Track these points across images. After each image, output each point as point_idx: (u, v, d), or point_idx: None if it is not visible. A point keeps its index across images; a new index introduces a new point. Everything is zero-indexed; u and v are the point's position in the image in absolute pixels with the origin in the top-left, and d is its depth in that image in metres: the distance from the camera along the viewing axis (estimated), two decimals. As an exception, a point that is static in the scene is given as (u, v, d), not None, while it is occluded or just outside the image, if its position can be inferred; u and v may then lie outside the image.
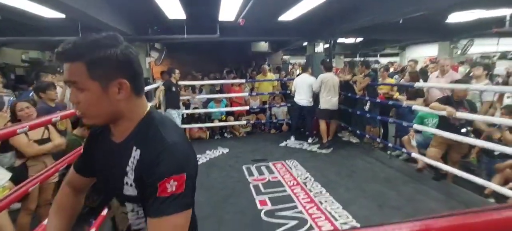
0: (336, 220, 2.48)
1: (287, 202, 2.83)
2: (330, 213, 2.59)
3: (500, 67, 6.50)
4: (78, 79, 0.64)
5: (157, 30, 5.41)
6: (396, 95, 4.51)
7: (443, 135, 3.03)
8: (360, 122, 4.74)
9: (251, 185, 3.27)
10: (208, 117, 5.74)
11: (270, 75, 6.49)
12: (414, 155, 3.46)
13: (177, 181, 0.63)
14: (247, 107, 5.74)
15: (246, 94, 5.82)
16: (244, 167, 3.83)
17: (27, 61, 7.45)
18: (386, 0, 4.26)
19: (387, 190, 3.05)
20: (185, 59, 8.37)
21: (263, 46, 8.72)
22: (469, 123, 3.02)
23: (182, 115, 5.08)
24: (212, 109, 5.58)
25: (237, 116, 5.83)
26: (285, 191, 3.09)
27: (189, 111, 5.45)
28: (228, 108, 5.71)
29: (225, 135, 5.72)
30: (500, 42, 8.76)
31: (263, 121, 5.90)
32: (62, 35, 4.73)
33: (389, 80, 4.95)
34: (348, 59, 11.76)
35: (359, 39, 9.59)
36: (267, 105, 6.01)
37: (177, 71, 4.74)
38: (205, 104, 5.78)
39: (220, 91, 5.80)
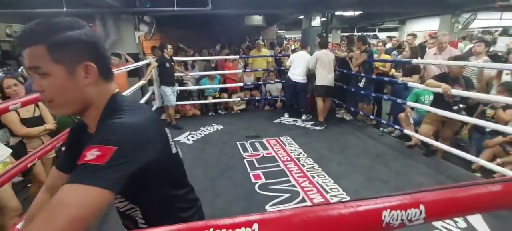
0: (327, 193, 2.61)
1: (281, 176, 2.95)
2: (321, 186, 2.72)
3: (501, 43, 6.53)
4: (40, 64, 0.60)
5: (145, 2, 5.26)
6: (392, 71, 4.56)
7: (436, 112, 3.13)
8: (354, 99, 4.81)
9: (245, 161, 3.38)
10: (201, 94, 5.76)
11: (265, 51, 6.44)
12: (408, 131, 3.57)
13: (101, 151, 0.53)
14: (241, 84, 5.75)
15: (240, 71, 5.80)
16: (238, 143, 3.93)
17: (11, 35, 7.25)
18: None
19: (377, 165, 3.19)
20: (176, 34, 8.18)
21: (257, 19, 8.55)
22: (464, 99, 3.10)
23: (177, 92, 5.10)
24: (206, 86, 5.59)
25: (230, 92, 5.86)
26: (278, 166, 3.21)
27: (183, 88, 5.45)
28: (222, 85, 5.71)
29: (219, 111, 5.77)
30: (503, 16, 8.73)
31: (257, 98, 5.95)
32: (45, 8, 4.59)
33: (385, 57, 4.96)
34: (346, 34, 11.65)
35: (357, 13, 9.43)
36: (261, 82, 6.03)
37: (169, 46, 4.68)
38: (198, 81, 5.77)
39: (214, 68, 5.77)
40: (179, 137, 4.25)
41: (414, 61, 3.89)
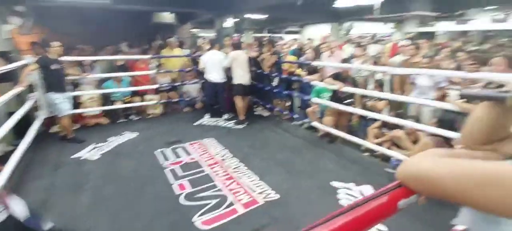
0: (254, 191, 2.66)
1: (207, 182, 2.84)
2: (248, 186, 2.76)
3: (371, 49, 8.02)
4: None
5: None
6: (298, 71, 5.04)
7: (334, 106, 3.64)
8: (269, 96, 5.10)
9: (167, 170, 3.11)
10: (107, 99, 4.97)
11: (178, 51, 6.09)
12: (315, 124, 4.02)
13: None
14: (155, 86, 5.27)
15: (153, 71, 5.30)
16: (157, 152, 3.58)
17: None
18: None
19: (294, 157, 3.47)
20: (66, 29, 6.70)
21: (168, 17, 7.99)
22: (352, 94, 3.70)
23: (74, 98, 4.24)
24: (111, 89, 4.87)
25: (143, 95, 5.29)
26: (203, 171, 3.09)
27: (80, 93, 4.58)
28: (132, 88, 5.09)
29: (132, 117, 5.14)
30: (373, 27, 10.86)
31: (175, 100, 5.58)
32: None
33: (291, 58, 5.42)
34: (257, 35, 12.24)
35: (265, 16, 10.05)
36: (178, 83, 5.67)
37: (56, 44, 3.81)
38: (101, 84, 4.96)
39: (122, 68, 5.06)
40: (80, 153, 3.54)
41: (313, 63, 4.40)
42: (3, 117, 3.28)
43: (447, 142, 2.70)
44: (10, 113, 3.23)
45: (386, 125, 3.49)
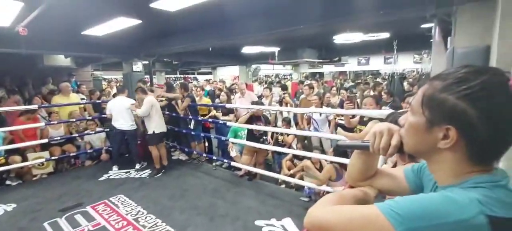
0: (175, 249, 2.39)
1: (117, 250, 2.38)
2: (168, 244, 2.46)
3: (275, 89, 8.86)
4: None
5: None
6: (214, 112, 5.08)
7: (249, 144, 3.78)
8: (186, 140, 4.89)
9: (61, 246, 2.46)
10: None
11: (75, 97, 5.26)
12: (236, 164, 4.01)
13: None
14: (44, 141, 4.27)
15: (42, 124, 4.33)
16: (47, 224, 2.82)
17: None
18: (196, 31, 4.74)
19: (215, 200, 3.33)
20: None
21: (62, 59, 6.86)
22: (265, 132, 3.95)
23: None
24: None
25: (23, 152, 4.17)
26: (113, 237, 2.59)
27: None
28: (9, 146, 3.98)
29: (8, 182, 3.96)
30: (275, 68, 12.21)
31: (72, 153, 4.63)
32: None
33: (205, 100, 5.44)
34: (169, 76, 11.88)
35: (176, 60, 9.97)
36: (76, 134, 4.79)
37: None
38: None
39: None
40: None
41: (227, 105, 4.55)
42: None
43: (343, 167, 3.15)
44: None
45: (297, 157, 3.82)
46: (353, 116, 3.35)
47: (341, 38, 6.66)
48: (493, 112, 0.46)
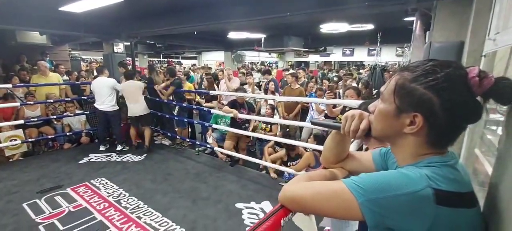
0: (156, 230, 2.45)
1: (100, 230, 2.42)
2: (150, 225, 2.51)
3: (256, 76, 8.84)
4: None
5: None
6: (197, 98, 5.07)
7: (232, 131, 3.84)
8: (170, 125, 4.88)
9: (41, 226, 2.46)
10: None
11: (56, 77, 5.06)
12: (216, 149, 4.09)
13: None
14: (20, 122, 4.13)
15: (18, 104, 4.17)
16: (26, 205, 2.79)
17: None
18: (181, 13, 4.64)
19: (198, 184, 3.41)
20: None
21: (37, 37, 6.49)
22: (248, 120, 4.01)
23: None
24: None
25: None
26: (94, 218, 2.61)
27: None
28: None
29: (-19, 164, 3.83)
30: (261, 55, 12.16)
31: (50, 136, 4.51)
32: None
33: (189, 86, 5.39)
34: (153, 59, 11.52)
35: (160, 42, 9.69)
36: (53, 116, 4.64)
37: None
38: None
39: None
40: None
41: (211, 92, 4.55)
42: None
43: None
44: None
45: (278, 144, 3.93)
46: (335, 106, 3.49)
47: (327, 28, 6.75)
48: (453, 102, 0.53)
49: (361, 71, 9.80)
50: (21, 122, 4.13)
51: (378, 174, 0.57)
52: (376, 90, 4.79)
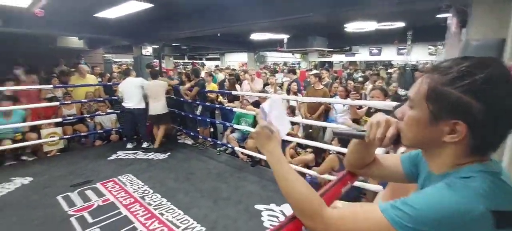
0: (178, 227, 2.50)
1: (125, 225, 2.51)
2: (171, 222, 2.57)
3: (279, 77, 8.74)
4: None
5: None
6: (220, 98, 5.14)
7: (252, 131, 3.83)
8: (192, 124, 4.99)
9: (73, 219, 2.61)
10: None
11: (92, 78, 5.41)
12: (236, 149, 4.11)
13: None
14: (59, 120, 4.45)
15: (57, 103, 4.50)
16: (60, 198, 2.99)
17: None
18: (205, 15, 4.74)
19: (219, 184, 3.43)
20: None
21: (75, 41, 7.02)
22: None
23: None
24: (2, 126, 3.87)
25: (39, 130, 4.37)
26: (120, 213, 2.72)
27: None
28: (29, 123, 4.16)
29: (24, 158, 4.17)
30: (284, 56, 12.09)
31: (83, 133, 4.82)
32: None
33: (213, 86, 5.49)
34: (178, 61, 11.93)
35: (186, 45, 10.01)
36: (88, 115, 4.96)
37: None
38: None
39: (11, 99, 4.10)
40: None
41: (234, 92, 4.59)
42: None
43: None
44: None
45: (300, 145, 3.86)
46: (360, 107, 3.34)
47: (353, 27, 6.51)
48: (496, 105, 0.47)
49: (389, 71, 9.34)
50: (60, 119, 4.45)
51: (422, 197, 0.49)
52: (405, 94, 4.53)
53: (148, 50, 6.68)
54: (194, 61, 14.22)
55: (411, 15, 5.43)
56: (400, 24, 6.35)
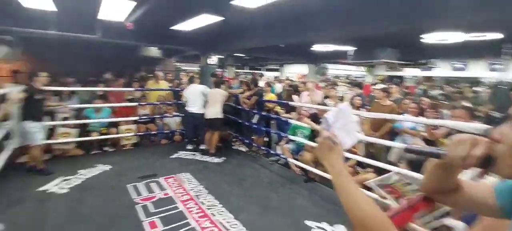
0: (227, 230, 2.57)
1: (180, 219, 2.71)
2: (222, 224, 2.66)
3: (341, 88, 8.35)
4: None
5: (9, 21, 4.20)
6: (277, 108, 5.17)
7: (308, 144, 3.72)
8: (248, 132, 5.14)
9: (138, 206, 2.94)
10: (83, 129, 4.76)
11: (164, 83, 6.13)
12: (290, 160, 4.04)
13: None
14: (135, 118, 5.16)
15: (136, 104, 5.24)
16: (130, 186, 3.41)
17: None
18: (272, 27, 4.90)
19: (269, 193, 3.42)
20: (53, 59, 6.55)
21: (154, 51, 8.13)
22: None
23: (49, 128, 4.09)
24: (93, 120, 4.72)
25: (119, 126, 5.12)
26: (177, 207, 2.95)
27: (58, 122, 4.41)
28: (114, 119, 4.94)
29: (106, 148, 4.93)
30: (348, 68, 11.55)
31: (153, 132, 5.45)
32: None
33: (271, 96, 5.57)
34: (239, 71, 12.60)
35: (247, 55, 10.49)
36: (158, 115, 5.60)
37: (44, 74, 3.78)
38: (79, 114, 4.80)
39: (103, 98, 4.98)
40: (47, 186, 3.29)
41: (291, 103, 4.56)
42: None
43: (413, 183, 2.80)
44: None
45: (359, 164, 3.58)
46: (437, 127, 2.93)
47: (432, 38, 5.82)
48: None
49: (477, 89, 7.98)
50: (136, 118, 5.15)
51: None
52: (502, 114, 3.77)
53: (213, 59, 7.24)
54: (254, 71, 14.82)
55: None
56: (496, 36, 5.38)
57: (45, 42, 5.90)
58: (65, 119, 4.58)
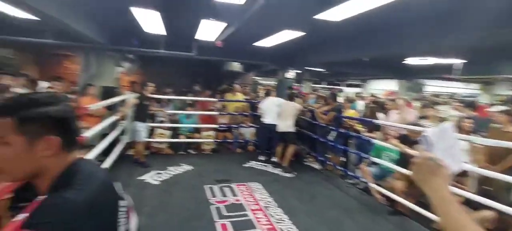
0: (295, 249, 2.45)
1: (249, 227, 2.75)
2: (289, 241, 2.56)
3: (443, 107, 7.11)
4: (3, 134, 0.61)
5: (135, 43, 5.44)
6: (357, 127, 4.75)
7: (400, 170, 3.21)
8: (323, 149, 4.89)
9: (213, 207, 3.14)
10: (175, 132, 5.52)
11: (241, 95, 6.53)
12: (372, 185, 3.60)
13: None
14: (216, 126, 5.66)
15: (218, 113, 5.79)
16: (207, 187, 3.70)
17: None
18: (357, 39, 4.63)
19: (344, 218, 3.12)
20: (157, 72, 8.11)
21: (236, 66, 8.83)
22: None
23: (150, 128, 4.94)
24: (184, 124, 5.48)
25: (201, 132, 5.70)
26: (247, 215, 3.01)
27: (157, 125, 5.26)
28: (200, 125, 5.60)
29: (190, 151, 5.53)
30: (449, 84, 9.84)
31: (229, 140, 5.83)
32: (34, 37, 4.75)
33: (351, 113, 5.17)
34: (316, 86, 12.34)
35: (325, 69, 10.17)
36: (235, 125, 5.97)
37: (150, 84, 4.75)
38: (171, 119, 5.63)
39: (192, 106, 5.78)
40: (144, 176, 3.94)
41: (376, 121, 4.12)
42: (99, 137, 3.92)
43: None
44: (103, 135, 3.91)
45: (469, 203, 2.87)
46: None
47: None
48: None
49: None
50: (216, 126, 5.64)
51: None
52: None
53: (290, 74, 7.33)
54: (332, 86, 14.18)
55: None
56: None
57: (153, 59, 7.27)
58: (162, 122, 5.41)
